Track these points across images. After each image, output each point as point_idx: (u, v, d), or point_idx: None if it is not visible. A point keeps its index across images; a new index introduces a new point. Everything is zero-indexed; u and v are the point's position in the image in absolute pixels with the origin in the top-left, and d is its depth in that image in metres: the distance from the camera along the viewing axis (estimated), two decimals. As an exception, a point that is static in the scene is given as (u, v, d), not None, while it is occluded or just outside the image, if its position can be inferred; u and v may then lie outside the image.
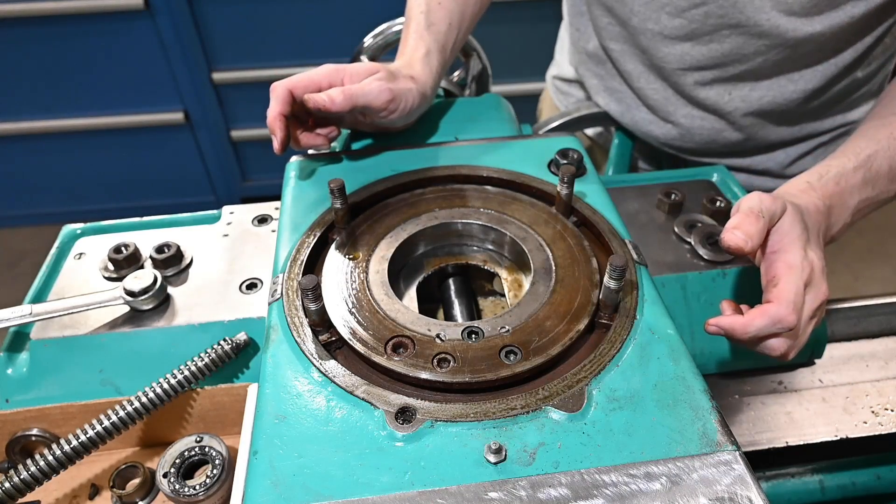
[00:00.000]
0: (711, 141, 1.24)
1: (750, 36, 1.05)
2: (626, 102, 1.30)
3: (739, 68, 1.11)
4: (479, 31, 1.21)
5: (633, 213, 0.99)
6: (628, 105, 1.30)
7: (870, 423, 0.92)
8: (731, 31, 1.06)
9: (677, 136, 1.26)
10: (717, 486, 0.53)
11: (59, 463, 0.69)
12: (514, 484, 0.54)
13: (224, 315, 0.83)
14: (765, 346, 0.76)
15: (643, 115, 1.29)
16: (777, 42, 1.05)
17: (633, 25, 1.14)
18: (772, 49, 1.06)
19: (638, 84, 1.24)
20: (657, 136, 1.29)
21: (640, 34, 1.14)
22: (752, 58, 1.09)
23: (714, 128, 1.22)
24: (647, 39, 1.14)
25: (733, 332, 0.74)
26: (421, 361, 0.64)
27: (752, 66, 1.10)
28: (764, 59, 1.09)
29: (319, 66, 0.92)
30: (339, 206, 0.79)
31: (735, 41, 1.07)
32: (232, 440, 0.76)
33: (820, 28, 1.01)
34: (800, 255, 0.75)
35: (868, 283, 3.01)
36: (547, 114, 1.63)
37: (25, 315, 0.79)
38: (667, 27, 1.10)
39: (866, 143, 0.88)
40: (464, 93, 1.34)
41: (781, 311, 0.72)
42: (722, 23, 1.05)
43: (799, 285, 0.73)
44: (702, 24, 1.07)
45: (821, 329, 0.91)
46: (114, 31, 2.74)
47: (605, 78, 1.32)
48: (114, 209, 3.32)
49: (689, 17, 1.07)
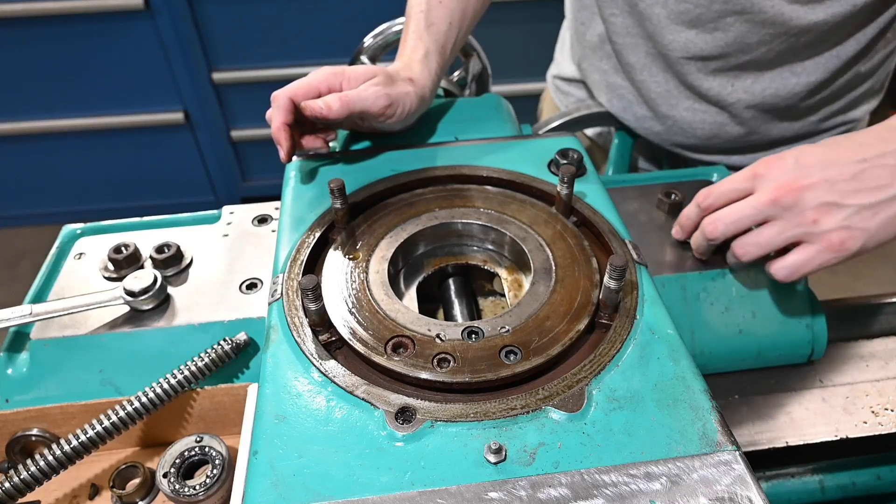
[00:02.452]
0: (713, 136, 1.24)
1: (754, 24, 1.06)
2: (628, 99, 1.30)
3: (743, 58, 1.12)
4: (479, 31, 1.21)
5: (633, 213, 0.99)
6: (630, 101, 1.30)
7: (870, 423, 0.92)
8: (736, 18, 1.06)
9: (679, 131, 1.26)
10: (717, 486, 0.53)
11: (59, 463, 0.69)
12: (514, 484, 0.54)
13: (224, 315, 0.83)
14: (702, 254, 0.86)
15: (644, 112, 1.29)
16: (781, 30, 1.05)
17: (640, 10, 1.15)
18: (776, 38, 1.07)
19: (640, 77, 1.24)
20: (658, 133, 1.29)
21: (647, 19, 1.15)
22: (756, 47, 1.09)
23: (716, 121, 1.22)
24: (652, 25, 1.14)
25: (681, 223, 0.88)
26: (421, 361, 0.64)
27: (755, 55, 1.11)
28: (767, 49, 1.09)
29: (319, 66, 0.92)
30: (339, 206, 0.79)
31: (739, 29, 1.08)
32: (232, 440, 0.76)
33: (823, 16, 1.02)
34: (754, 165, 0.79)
35: (868, 283, 3.01)
36: (547, 114, 1.63)
37: (25, 315, 0.79)
38: (673, 11, 1.11)
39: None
40: (464, 93, 1.34)
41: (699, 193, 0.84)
42: (727, 9, 1.06)
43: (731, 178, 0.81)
44: (707, 9, 1.07)
45: (821, 329, 0.91)
46: (114, 31, 2.74)
47: (607, 73, 1.32)
48: (114, 209, 3.32)
49: (695, 2, 1.08)
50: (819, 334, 0.91)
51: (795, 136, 1.25)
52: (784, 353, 0.92)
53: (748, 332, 0.88)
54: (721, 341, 0.89)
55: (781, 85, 1.14)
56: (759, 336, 0.88)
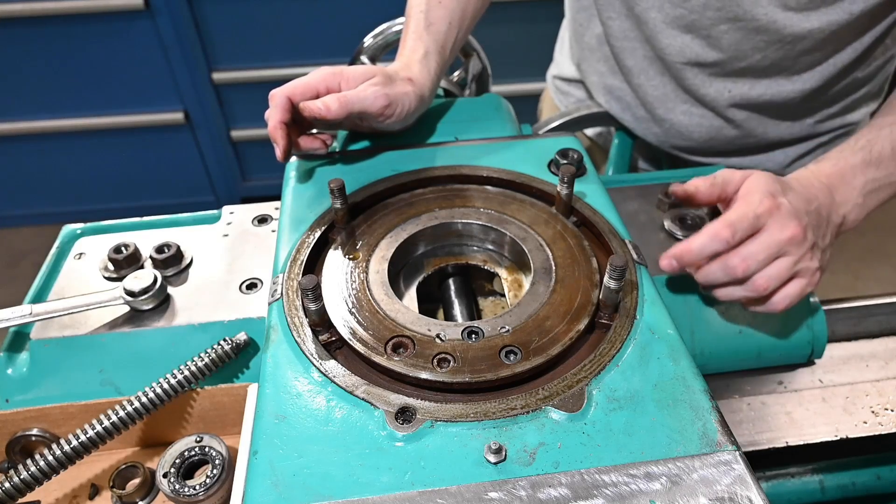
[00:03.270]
0: (710, 139, 1.24)
1: (748, 31, 1.06)
2: (626, 101, 1.30)
3: (738, 65, 1.12)
4: (479, 31, 1.21)
5: (633, 213, 0.99)
6: (627, 104, 1.30)
7: (870, 423, 0.92)
8: (730, 25, 1.06)
9: (676, 134, 1.26)
10: (717, 486, 0.53)
11: (59, 463, 0.69)
12: (514, 484, 0.54)
13: (224, 315, 0.83)
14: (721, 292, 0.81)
15: (642, 114, 1.29)
16: (775, 38, 1.05)
17: (637, 14, 1.15)
18: (770, 45, 1.07)
19: (638, 80, 1.24)
20: (656, 135, 1.29)
21: (644, 23, 1.15)
22: (751, 54, 1.09)
23: (713, 125, 1.22)
24: (649, 29, 1.15)
25: (681, 258, 0.79)
26: (421, 361, 0.64)
27: (751, 62, 1.11)
28: (763, 56, 1.09)
29: (319, 66, 0.92)
30: (339, 206, 0.79)
31: (734, 36, 1.08)
32: (232, 440, 0.76)
33: (818, 24, 1.01)
34: (759, 195, 0.78)
35: (868, 283, 3.01)
36: (547, 114, 1.63)
37: (25, 315, 0.79)
38: (669, 16, 1.11)
39: (866, 132, 0.90)
40: (464, 93, 1.34)
41: (717, 226, 0.77)
42: (720, 16, 1.06)
43: (744, 212, 0.77)
44: (700, 15, 1.07)
45: (821, 329, 0.91)
46: (114, 31, 2.74)
47: (605, 75, 1.32)
48: (114, 209, 3.32)
49: (689, 7, 1.08)
50: (819, 334, 0.91)
51: (793, 138, 1.25)
52: (784, 353, 0.92)
53: (748, 332, 0.88)
54: (721, 341, 0.89)
55: (778, 91, 1.14)
56: (759, 336, 0.89)
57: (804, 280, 0.80)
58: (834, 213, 0.85)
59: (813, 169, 0.88)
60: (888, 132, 0.88)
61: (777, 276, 0.78)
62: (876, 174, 0.87)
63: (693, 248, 0.77)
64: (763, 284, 0.78)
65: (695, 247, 0.77)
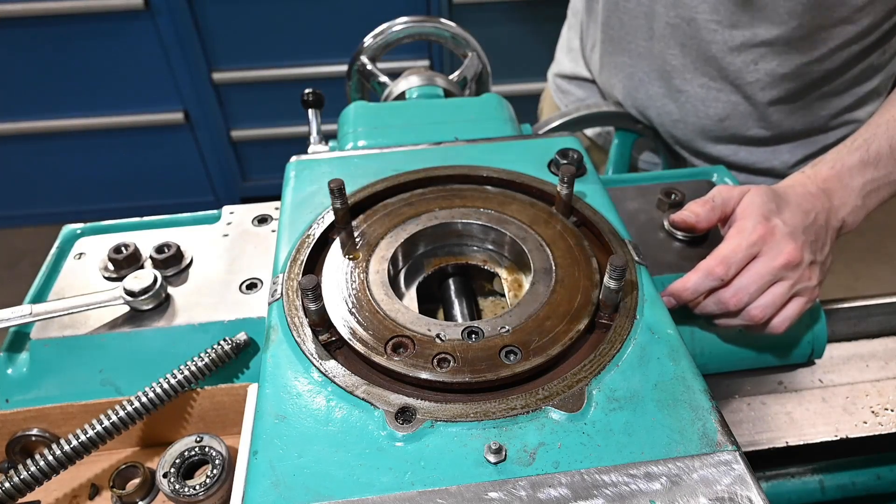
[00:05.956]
0: (726, 117, 1.23)
1: None
2: (638, 77, 1.28)
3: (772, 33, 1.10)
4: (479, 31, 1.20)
5: (633, 213, 0.99)
6: (640, 80, 1.28)
7: (870, 423, 0.92)
8: None
9: (691, 110, 1.24)
10: (717, 486, 0.53)
11: (59, 463, 0.69)
12: (514, 484, 0.54)
13: (224, 315, 0.83)
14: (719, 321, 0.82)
15: (656, 89, 1.27)
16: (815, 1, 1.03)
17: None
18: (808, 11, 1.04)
19: (658, 46, 1.21)
20: (670, 113, 1.27)
21: None
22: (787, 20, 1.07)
23: (730, 100, 1.21)
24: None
25: (678, 295, 0.80)
26: (421, 361, 0.64)
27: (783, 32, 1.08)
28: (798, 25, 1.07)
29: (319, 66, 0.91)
30: (339, 206, 0.79)
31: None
32: (232, 440, 0.76)
33: None
34: (752, 221, 0.78)
35: (868, 283, 3.01)
36: (547, 114, 1.63)
37: (25, 315, 0.79)
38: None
39: (863, 130, 0.90)
40: (464, 93, 1.34)
41: (710, 263, 0.78)
42: None
43: (737, 243, 0.78)
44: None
45: (821, 329, 0.91)
46: (114, 31, 2.75)
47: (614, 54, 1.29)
48: (114, 209, 3.32)
49: None
50: (819, 334, 0.91)
51: (804, 129, 1.24)
52: (784, 353, 0.92)
53: (748, 333, 0.88)
54: (721, 341, 0.89)
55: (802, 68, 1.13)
56: (759, 336, 0.88)
57: (803, 299, 0.81)
58: (833, 218, 0.85)
59: (810, 174, 0.87)
60: (885, 129, 0.88)
61: (772, 303, 0.79)
62: (875, 174, 0.87)
63: (688, 286, 0.79)
64: (758, 315, 0.79)
65: (690, 285, 0.79)
